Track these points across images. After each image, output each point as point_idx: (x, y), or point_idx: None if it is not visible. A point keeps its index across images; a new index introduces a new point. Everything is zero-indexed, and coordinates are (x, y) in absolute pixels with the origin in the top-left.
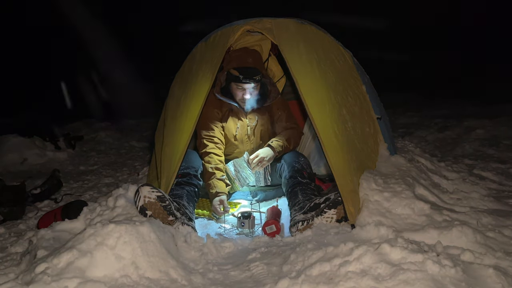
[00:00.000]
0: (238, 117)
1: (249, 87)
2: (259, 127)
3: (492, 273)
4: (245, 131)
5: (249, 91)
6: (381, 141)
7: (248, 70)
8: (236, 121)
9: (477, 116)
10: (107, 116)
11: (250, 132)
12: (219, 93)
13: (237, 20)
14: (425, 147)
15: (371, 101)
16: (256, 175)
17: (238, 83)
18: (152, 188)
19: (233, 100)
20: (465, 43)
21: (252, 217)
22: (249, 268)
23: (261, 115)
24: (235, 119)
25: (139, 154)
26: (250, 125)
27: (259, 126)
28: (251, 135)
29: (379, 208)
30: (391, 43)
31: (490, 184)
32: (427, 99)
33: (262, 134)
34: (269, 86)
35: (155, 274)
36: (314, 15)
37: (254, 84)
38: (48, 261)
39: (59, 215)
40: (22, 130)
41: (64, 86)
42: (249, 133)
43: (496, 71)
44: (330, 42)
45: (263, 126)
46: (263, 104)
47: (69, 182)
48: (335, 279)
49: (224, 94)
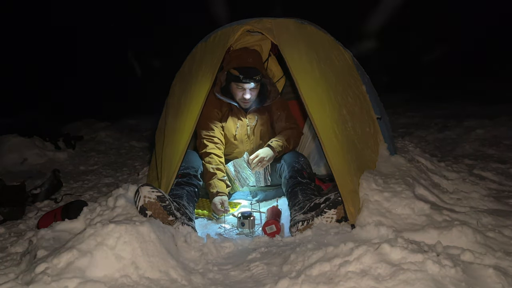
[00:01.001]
0: (238, 117)
1: (249, 87)
2: (259, 127)
3: (492, 273)
4: (245, 131)
5: (249, 91)
6: (381, 141)
7: (248, 70)
8: (236, 121)
9: (477, 116)
10: (107, 116)
11: (250, 132)
12: (219, 92)
13: (237, 20)
14: (425, 147)
15: (371, 101)
16: (256, 175)
17: (238, 83)
18: (152, 188)
19: (233, 100)
20: (465, 43)
21: (252, 217)
22: (249, 268)
23: (261, 115)
24: (234, 119)
25: (139, 154)
26: (250, 125)
27: (259, 126)
28: (251, 134)
29: (379, 208)
30: (391, 42)
31: (490, 184)
32: (427, 99)
33: (262, 134)
34: (269, 86)
35: (155, 274)
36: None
37: (254, 84)
38: (48, 261)
39: (59, 215)
40: (22, 130)
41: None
42: (248, 133)
43: (496, 71)
44: (330, 42)
45: (262, 126)
46: (263, 104)
47: (69, 182)
48: (335, 279)
49: (224, 94)
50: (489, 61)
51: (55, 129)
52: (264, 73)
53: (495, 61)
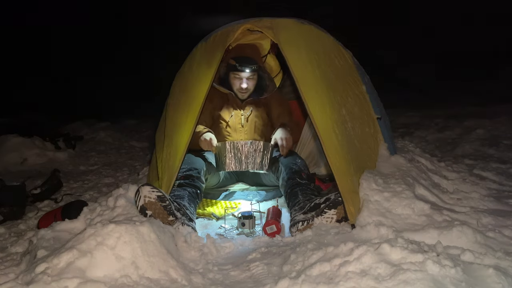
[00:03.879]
0: (233, 106)
1: (245, 75)
2: (253, 118)
3: (492, 273)
4: (239, 120)
5: (245, 80)
6: (381, 141)
7: (244, 59)
8: (231, 110)
9: (477, 116)
10: (107, 116)
11: (244, 121)
12: (217, 82)
13: (237, 20)
14: (425, 147)
15: (371, 101)
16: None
17: (235, 72)
18: (152, 188)
19: (231, 91)
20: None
21: (253, 217)
22: (249, 268)
23: (257, 107)
24: (230, 108)
25: (139, 154)
26: (244, 114)
27: (253, 117)
28: (245, 123)
29: (379, 208)
30: (391, 42)
31: (490, 184)
32: (427, 99)
33: (256, 126)
34: (267, 81)
35: (155, 274)
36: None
37: (250, 71)
38: (48, 261)
39: (59, 215)
40: (22, 130)
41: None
42: (242, 122)
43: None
44: (330, 42)
45: (257, 118)
46: (260, 96)
47: (69, 182)
48: (335, 279)
49: (224, 84)
50: (489, 61)
51: (55, 129)
52: (262, 65)
53: (495, 61)
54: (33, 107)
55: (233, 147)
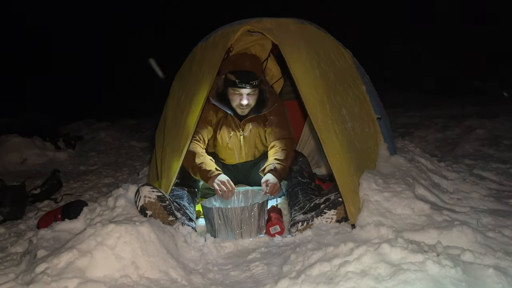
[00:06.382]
0: (231, 126)
1: (245, 92)
2: (253, 138)
3: (492, 273)
4: (238, 141)
5: (246, 96)
6: (381, 141)
7: (244, 74)
8: (230, 130)
9: (477, 116)
10: (107, 116)
11: (243, 142)
12: (215, 97)
13: (238, 21)
14: (425, 147)
15: (371, 101)
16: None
17: (235, 88)
18: (152, 188)
19: (229, 107)
20: (464, 43)
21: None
22: (249, 268)
23: (257, 125)
24: (228, 128)
25: (139, 154)
26: (243, 134)
27: (253, 137)
28: (244, 145)
29: (379, 208)
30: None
31: (490, 184)
32: (427, 99)
33: (256, 145)
34: (267, 94)
35: (155, 274)
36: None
37: (251, 88)
38: (48, 261)
39: (59, 215)
40: (22, 130)
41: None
42: (242, 143)
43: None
44: (330, 42)
45: (256, 137)
46: (259, 113)
47: (69, 182)
48: (335, 279)
49: (222, 99)
50: (489, 61)
51: (55, 129)
52: (262, 78)
53: (495, 61)
54: (33, 107)
55: (222, 215)
